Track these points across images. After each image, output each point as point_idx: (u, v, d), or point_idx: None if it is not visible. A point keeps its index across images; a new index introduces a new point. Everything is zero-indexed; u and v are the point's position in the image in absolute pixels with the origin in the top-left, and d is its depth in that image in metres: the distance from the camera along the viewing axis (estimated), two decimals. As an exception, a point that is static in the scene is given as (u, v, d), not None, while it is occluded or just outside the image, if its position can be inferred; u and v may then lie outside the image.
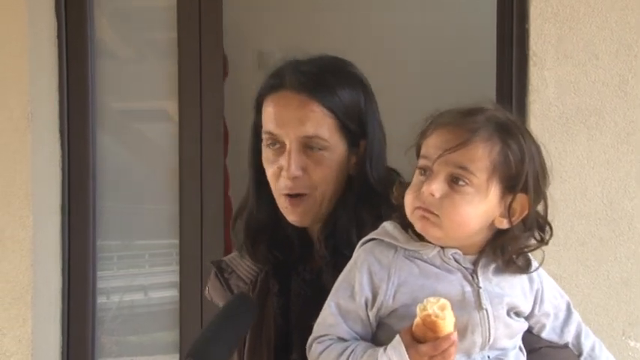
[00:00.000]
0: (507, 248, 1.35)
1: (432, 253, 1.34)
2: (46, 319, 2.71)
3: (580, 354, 1.46)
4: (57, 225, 2.77)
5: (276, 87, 1.58)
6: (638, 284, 2.42)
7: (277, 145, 1.57)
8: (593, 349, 1.47)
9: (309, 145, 1.55)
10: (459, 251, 1.35)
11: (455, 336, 1.25)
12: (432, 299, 1.25)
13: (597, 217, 2.43)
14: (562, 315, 1.45)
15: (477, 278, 1.34)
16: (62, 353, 2.77)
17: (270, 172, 1.59)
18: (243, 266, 1.68)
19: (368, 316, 1.35)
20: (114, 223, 2.90)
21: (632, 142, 2.42)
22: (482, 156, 1.30)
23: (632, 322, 2.42)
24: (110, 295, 2.96)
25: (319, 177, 1.55)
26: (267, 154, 1.60)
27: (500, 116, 1.35)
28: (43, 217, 2.71)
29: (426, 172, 1.33)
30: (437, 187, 1.30)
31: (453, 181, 1.30)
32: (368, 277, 1.34)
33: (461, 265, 1.34)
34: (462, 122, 1.32)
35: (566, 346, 1.46)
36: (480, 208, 1.31)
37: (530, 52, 2.44)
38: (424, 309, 1.24)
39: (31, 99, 2.66)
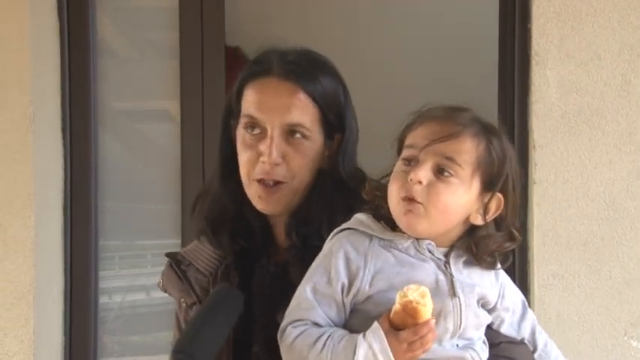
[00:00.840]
0: (479, 247, 1.40)
1: (406, 243, 1.38)
2: (48, 319, 2.71)
3: (535, 349, 1.51)
4: (59, 225, 2.76)
5: (262, 73, 1.57)
6: (640, 284, 2.42)
7: (257, 130, 1.55)
8: (546, 344, 1.52)
9: (290, 133, 1.54)
10: (432, 242, 1.39)
11: (433, 323, 1.29)
12: (412, 286, 1.28)
13: (599, 217, 2.42)
14: (518, 311, 1.50)
15: (450, 268, 1.38)
16: (64, 353, 2.76)
17: (245, 157, 1.56)
18: (201, 258, 1.64)
19: (343, 302, 1.36)
20: (116, 223, 2.90)
21: (635, 142, 2.42)
22: (469, 149, 1.35)
23: (634, 322, 2.42)
24: (112, 295, 2.96)
25: (297, 165, 1.55)
26: (244, 137, 1.57)
27: (482, 118, 1.41)
28: (45, 217, 2.71)
29: (411, 163, 1.36)
30: (424, 174, 1.34)
31: (439, 171, 1.35)
32: (345, 263, 1.36)
33: (434, 255, 1.39)
34: (450, 116, 1.38)
35: (522, 341, 1.50)
36: (462, 199, 1.36)
37: (533, 52, 2.44)
38: (404, 296, 1.27)
39: (32, 99, 2.66)
